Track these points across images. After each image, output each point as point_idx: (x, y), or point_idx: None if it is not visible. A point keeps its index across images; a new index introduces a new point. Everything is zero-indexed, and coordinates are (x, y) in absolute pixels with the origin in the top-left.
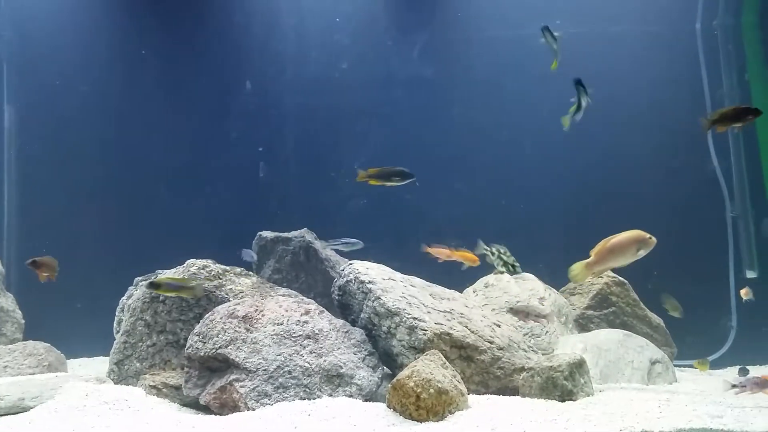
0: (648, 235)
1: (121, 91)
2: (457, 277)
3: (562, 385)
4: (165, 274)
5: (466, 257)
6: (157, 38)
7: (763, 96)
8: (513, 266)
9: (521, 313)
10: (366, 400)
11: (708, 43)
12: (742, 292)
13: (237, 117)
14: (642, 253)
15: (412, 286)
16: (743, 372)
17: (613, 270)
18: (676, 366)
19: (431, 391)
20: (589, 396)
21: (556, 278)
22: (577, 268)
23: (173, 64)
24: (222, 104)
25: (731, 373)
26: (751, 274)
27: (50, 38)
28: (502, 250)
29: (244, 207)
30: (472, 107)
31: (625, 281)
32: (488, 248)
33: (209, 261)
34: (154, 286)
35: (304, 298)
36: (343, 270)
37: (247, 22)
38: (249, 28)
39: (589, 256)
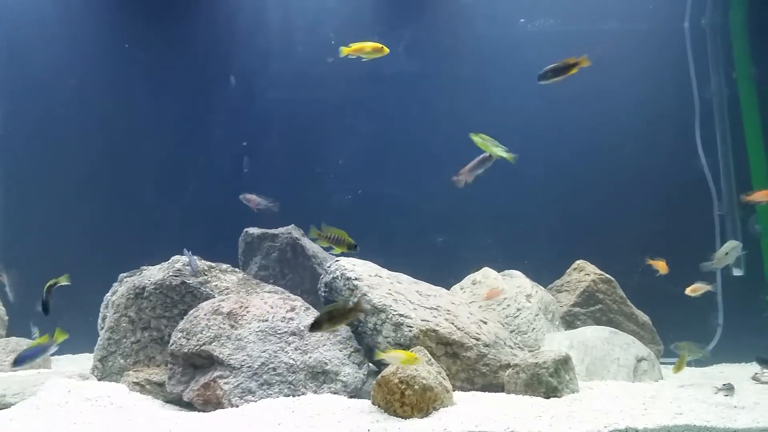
0: None
1: (106, 86)
2: (443, 274)
3: (547, 381)
4: (150, 270)
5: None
6: (142, 33)
7: (750, 94)
8: None
9: None
10: (351, 397)
11: (696, 41)
12: (689, 289)
13: (221, 112)
14: None
15: (398, 282)
16: (763, 362)
17: (600, 267)
18: (662, 363)
19: (416, 387)
20: (574, 393)
21: (543, 275)
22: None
23: (158, 59)
24: (207, 99)
25: (716, 370)
26: (737, 272)
27: (35, 32)
28: None
29: (230, 203)
30: (460, 102)
31: (612, 278)
32: None
33: (195, 257)
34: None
35: (290, 294)
36: (329, 267)
37: (232, 17)
38: (234, 22)
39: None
